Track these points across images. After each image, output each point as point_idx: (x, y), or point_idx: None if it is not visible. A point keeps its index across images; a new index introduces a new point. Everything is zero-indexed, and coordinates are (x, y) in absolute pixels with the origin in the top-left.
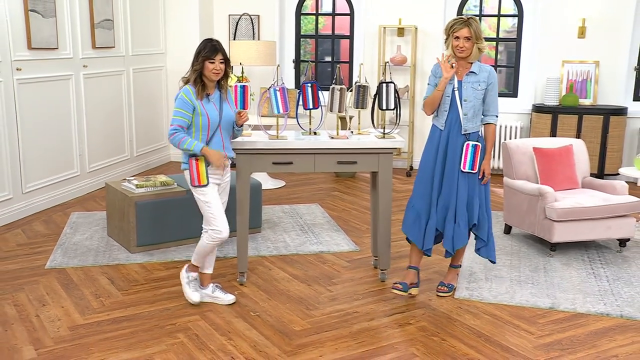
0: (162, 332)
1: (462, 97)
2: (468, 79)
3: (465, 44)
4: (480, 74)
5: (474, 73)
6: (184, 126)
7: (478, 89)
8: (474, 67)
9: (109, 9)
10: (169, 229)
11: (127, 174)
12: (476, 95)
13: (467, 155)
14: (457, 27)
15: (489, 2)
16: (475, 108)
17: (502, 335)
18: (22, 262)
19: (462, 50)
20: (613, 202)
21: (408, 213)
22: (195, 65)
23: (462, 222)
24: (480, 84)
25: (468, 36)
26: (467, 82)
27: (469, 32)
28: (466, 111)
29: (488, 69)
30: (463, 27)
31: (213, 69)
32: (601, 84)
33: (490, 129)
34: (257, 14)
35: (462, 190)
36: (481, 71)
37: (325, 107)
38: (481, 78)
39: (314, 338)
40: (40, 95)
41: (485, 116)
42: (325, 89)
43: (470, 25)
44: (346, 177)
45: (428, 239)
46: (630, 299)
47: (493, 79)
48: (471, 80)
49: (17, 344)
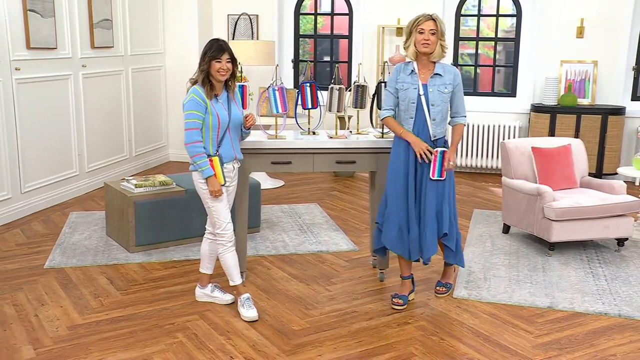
0: (161, 331)
1: (430, 102)
2: (434, 82)
3: (430, 37)
4: (445, 75)
5: (439, 75)
6: (199, 128)
7: (445, 92)
8: (438, 68)
9: (107, 8)
10: (167, 229)
11: (126, 173)
12: (443, 99)
13: (435, 163)
14: (422, 20)
15: (488, 2)
16: (442, 112)
17: (500, 335)
18: (21, 262)
19: (427, 43)
20: (611, 202)
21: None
22: (202, 65)
23: (429, 232)
24: (447, 86)
25: (433, 29)
26: (433, 85)
27: (435, 26)
28: (434, 116)
29: (453, 70)
30: (428, 20)
31: (220, 69)
32: (599, 84)
33: (460, 128)
34: (256, 13)
35: (430, 199)
36: (446, 72)
37: (324, 107)
38: (447, 80)
39: (313, 337)
40: (39, 95)
41: (454, 118)
42: (324, 88)
43: (435, 19)
44: (345, 177)
45: (414, 249)
46: (629, 298)
47: (459, 80)
48: (437, 83)
49: (16, 343)
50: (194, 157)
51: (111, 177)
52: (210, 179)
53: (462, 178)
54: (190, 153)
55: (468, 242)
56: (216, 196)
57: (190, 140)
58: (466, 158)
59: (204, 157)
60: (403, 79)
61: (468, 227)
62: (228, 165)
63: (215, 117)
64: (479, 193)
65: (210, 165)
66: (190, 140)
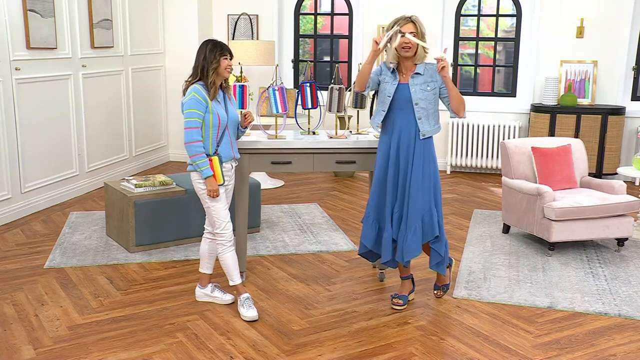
0: (161, 331)
1: (413, 101)
2: (414, 82)
3: (411, 39)
4: (425, 73)
5: (419, 74)
6: (199, 127)
7: (428, 90)
8: (419, 68)
9: (107, 8)
10: (167, 229)
11: (126, 173)
12: (427, 97)
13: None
14: (402, 22)
15: (488, 2)
16: (428, 109)
17: (500, 335)
18: (21, 262)
19: (407, 47)
20: (611, 202)
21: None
22: (213, 64)
23: (411, 234)
24: (429, 84)
25: (413, 32)
26: (415, 85)
27: (414, 28)
28: (419, 115)
29: (432, 67)
30: (407, 23)
31: (227, 65)
32: (599, 84)
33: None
34: (256, 13)
35: (415, 200)
36: (426, 70)
37: (324, 107)
38: (428, 78)
39: (313, 337)
40: (39, 95)
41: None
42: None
43: (415, 21)
44: (345, 177)
45: (386, 251)
46: (628, 298)
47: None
48: (418, 82)
49: (16, 343)
50: (193, 157)
51: (111, 177)
52: (208, 179)
53: (462, 178)
54: (190, 152)
55: (468, 242)
56: (213, 196)
57: (190, 140)
58: (466, 158)
59: (204, 157)
60: (386, 73)
61: (468, 227)
62: (226, 164)
63: (215, 116)
64: (479, 193)
65: (210, 165)
66: (190, 140)
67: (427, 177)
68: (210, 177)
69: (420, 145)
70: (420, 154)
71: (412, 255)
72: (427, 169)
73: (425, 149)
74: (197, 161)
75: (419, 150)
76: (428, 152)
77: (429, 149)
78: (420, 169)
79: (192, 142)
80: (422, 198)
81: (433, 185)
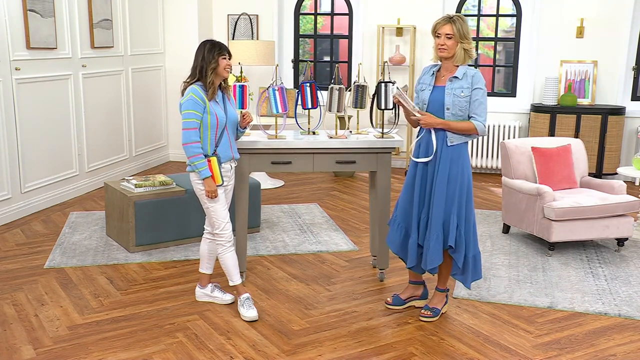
0: (161, 331)
1: (445, 105)
2: (451, 85)
3: (446, 41)
4: (463, 79)
5: (457, 78)
6: (197, 128)
7: (461, 96)
8: (458, 71)
9: (107, 8)
10: (167, 229)
11: (126, 173)
12: (459, 103)
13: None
14: (441, 24)
15: (488, 2)
16: (457, 117)
17: (500, 335)
18: (21, 262)
19: (442, 48)
20: (611, 202)
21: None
22: (212, 64)
23: (434, 241)
24: (464, 90)
25: (449, 34)
26: (450, 89)
27: (451, 30)
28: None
29: (472, 72)
30: (445, 24)
31: (226, 65)
32: (599, 84)
33: (468, 122)
34: (256, 13)
35: (438, 207)
36: (465, 76)
37: (324, 107)
38: (465, 84)
39: (313, 337)
40: (39, 95)
41: (471, 117)
42: (324, 88)
43: (453, 22)
44: (345, 177)
45: (411, 256)
46: (628, 298)
47: (477, 84)
48: (454, 87)
49: (16, 343)
50: (192, 158)
51: (111, 177)
52: (206, 179)
53: None
54: (188, 153)
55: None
56: (212, 197)
57: (188, 140)
58: None
59: (202, 158)
60: (424, 80)
61: None
62: (226, 165)
63: (213, 116)
64: (479, 193)
65: (208, 165)
66: (188, 140)
67: (452, 184)
68: (208, 178)
69: (447, 151)
70: (447, 160)
71: (434, 264)
72: (453, 176)
73: (454, 155)
74: (195, 162)
75: (445, 156)
76: (457, 159)
77: (457, 156)
78: (445, 176)
79: (190, 143)
80: (444, 205)
81: (458, 193)
